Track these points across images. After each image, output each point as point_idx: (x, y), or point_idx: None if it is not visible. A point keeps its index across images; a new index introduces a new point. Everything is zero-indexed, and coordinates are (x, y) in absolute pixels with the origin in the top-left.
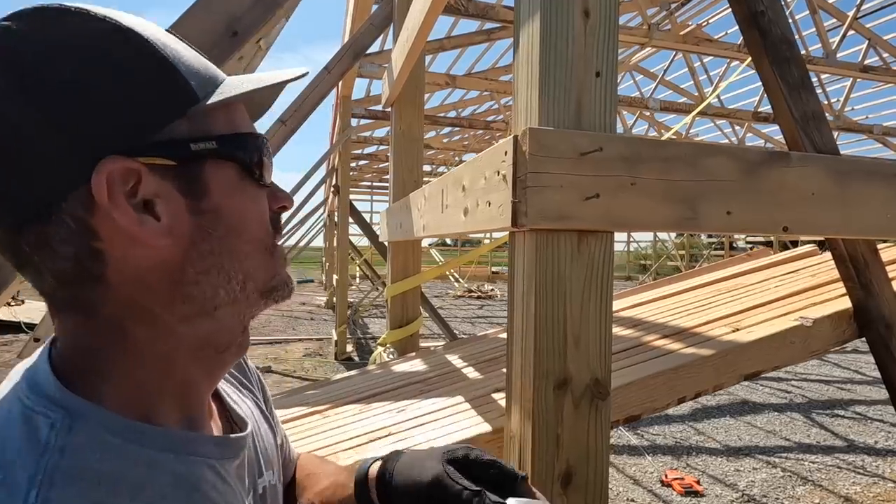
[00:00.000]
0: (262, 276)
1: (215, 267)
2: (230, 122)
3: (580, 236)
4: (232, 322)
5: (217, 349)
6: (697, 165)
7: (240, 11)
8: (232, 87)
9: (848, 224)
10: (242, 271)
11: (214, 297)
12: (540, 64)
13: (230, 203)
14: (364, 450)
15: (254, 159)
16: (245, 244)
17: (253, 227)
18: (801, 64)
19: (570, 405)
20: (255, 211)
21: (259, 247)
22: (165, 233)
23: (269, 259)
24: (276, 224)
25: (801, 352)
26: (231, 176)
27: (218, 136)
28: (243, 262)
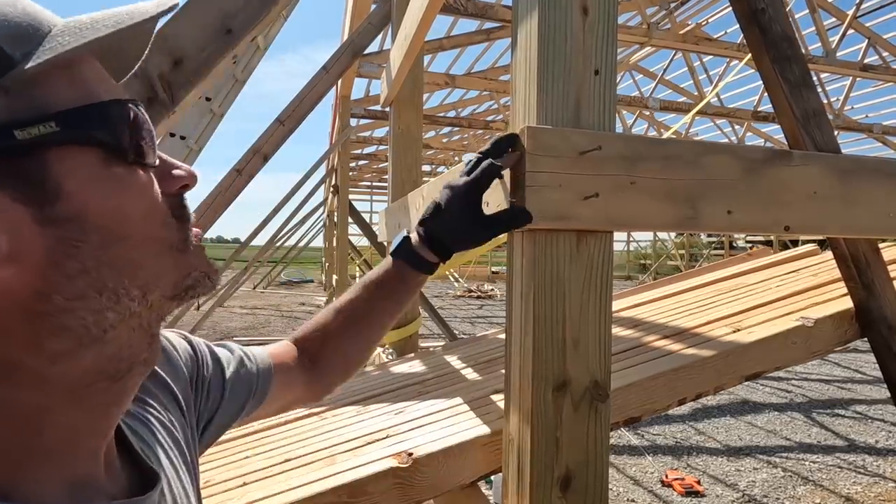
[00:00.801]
0: (170, 280)
1: (93, 288)
2: (79, 89)
3: (579, 236)
4: (131, 339)
5: (114, 377)
6: (698, 164)
7: (234, 8)
8: (68, 37)
9: (850, 223)
10: (137, 284)
11: (100, 321)
12: (538, 61)
13: (99, 202)
14: (361, 452)
15: (123, 135)
16: (134, 250)
17: (140, 225)
18: (801, 61)
19: (569, 408)
20: (138, 202)
21: (157, 247)
22: (6, 259)
23: (178, 257)
24: (180, 211)
25: (803, 352)
26: (92, 164)
27: (59, 114)
28: (136, 272)
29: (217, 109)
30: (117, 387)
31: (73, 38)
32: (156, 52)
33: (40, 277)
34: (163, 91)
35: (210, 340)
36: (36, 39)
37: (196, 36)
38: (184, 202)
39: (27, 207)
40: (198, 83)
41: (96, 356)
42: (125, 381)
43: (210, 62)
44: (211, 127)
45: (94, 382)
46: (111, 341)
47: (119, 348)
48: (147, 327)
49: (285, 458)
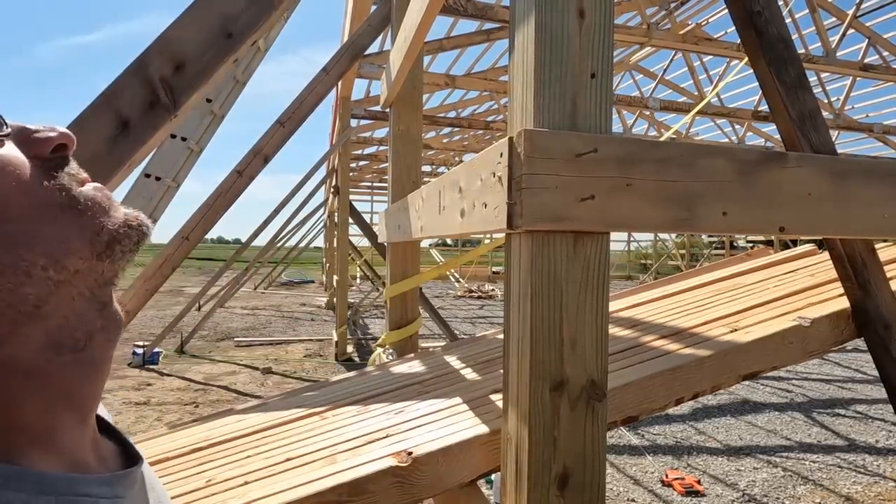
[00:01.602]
0: (77, 241)
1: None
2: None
3: (576, 237)
4: (73, 307)
5: (74, 348)
6: (693, 166)
7: (235, 13)
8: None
9: (845, 224)
10: (35, 253)
11: (18, 298)
12: (535, 65)
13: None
14: (361, 451)
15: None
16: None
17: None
18: (797, 63)
19: (566, 407)
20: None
21: (39, 214)
22: None
23: (76, 216)
24: (56, 170)
25: (800, 352)
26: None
27: None
28: (32, 243)
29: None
30: (84, 356)
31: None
32: (157, 57)
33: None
34: (165, 95)
35: (211, 341)
36: None
37: (197, 40)
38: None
39: None
40: (200, 87)
41: (43, 331)
42: (90, 349)
43: (211, 66)
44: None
45: (55, 356)
46: (52, 314)
47: (65, 319)
48: (89, 294)
49: (286, 457)
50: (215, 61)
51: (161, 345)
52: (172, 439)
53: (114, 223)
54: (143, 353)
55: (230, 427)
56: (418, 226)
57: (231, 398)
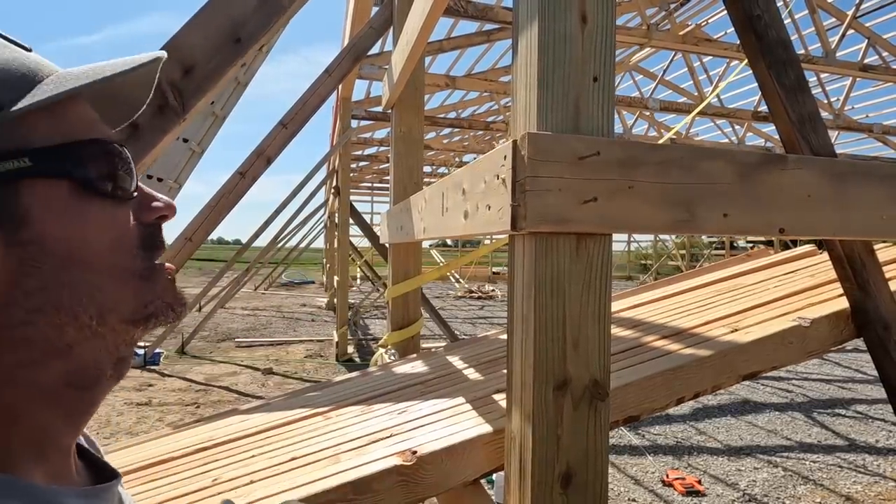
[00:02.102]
0: (128, 306)
1: (51, 304)
2: (60, 129)
3: (579, 239)
4: (97, 357)
5: (81, 387)
6: (694, 168)
7: (243, 18)
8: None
9: (844, 225)
10: (94, 305)
11: (61, 335)
12: (538, 69)
13: (61, 229)
14: (366, 450)
15: (97, 172)
16: (92, 274)
17: (103, 254)
18: (797, 66)
19: (569, 406)
20: (103, 233)
21: (118, 274)
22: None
23: (140, 285)
24: (152, 240)
25: (799, 352)
26: (62, 196)
27: (35, 150)
28: (93, 294)
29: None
30: (86, 395)
31: (54, 87)
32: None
33: (2, 292)
34: (174, 98)
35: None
36: (26, 87)
37: (206, 45)
38: (158, 232)
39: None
40: (208, 91)
41: (64, 366)
42: (93, 391)
43: (219, 70)
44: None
45: (63, 389)
46: (77, 356)
47: (85, 363)
48: (113, 349)
49: (291, 456)
50: (224, 65)
51: (162, 345)
52: (177, 439)
53: (162, 301)
54: (144, 353)
55: (234, 427)
56: (421, 227)
57: (232, 399)
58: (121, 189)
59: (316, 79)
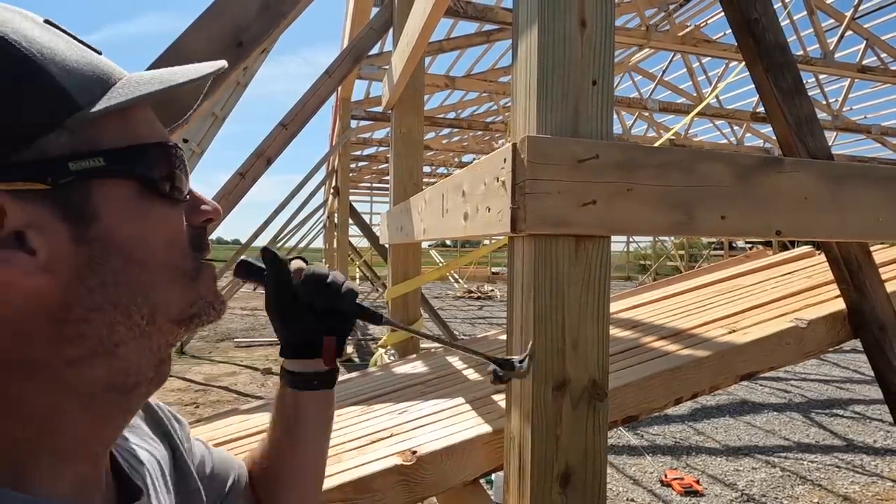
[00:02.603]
0: (176, 306)
1: (109, 302)
2: (128, 132)
3: (577, 241)
4: (140, 358)
5: (121, 391)
6: (692, 171)
7: (245, 22)
8: (127, 89)
9: (841, 227)
10: (148, 304)
11: (112, 334)
12: (538, 72)
13: (125, 228)
14: (367, 450)
15: (159, 173)
16: (148, 274)
17: (158, 253)
18: (794, 69)
19: (568, 406)
20: (161, 233)
21: (169, 274)
22: (42, 268)
23: (188, 284)
24: (199, 241)
25: (796, 353)
26: (128, 196)
27: (107, 151)
28: (148, 293)
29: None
30: (123, 400)
31: (127, 92)
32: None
33: (65, 287)
34: None
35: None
36: (101, 90)
37: (208, 49)
38: (205, 234)
39: (66, 225)
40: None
41: (108, 368)
42: (131, 395)
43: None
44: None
45: (103, 392)
46: (122, 356)
47: (128, 364)
48: (156, 350)
49: None
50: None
51: None
52: None
53: (206, 300)
54: None
55: (234, 427)
56: (421, 228)
57: (231, 399)
58: (178, 191)
59: (316, 80)
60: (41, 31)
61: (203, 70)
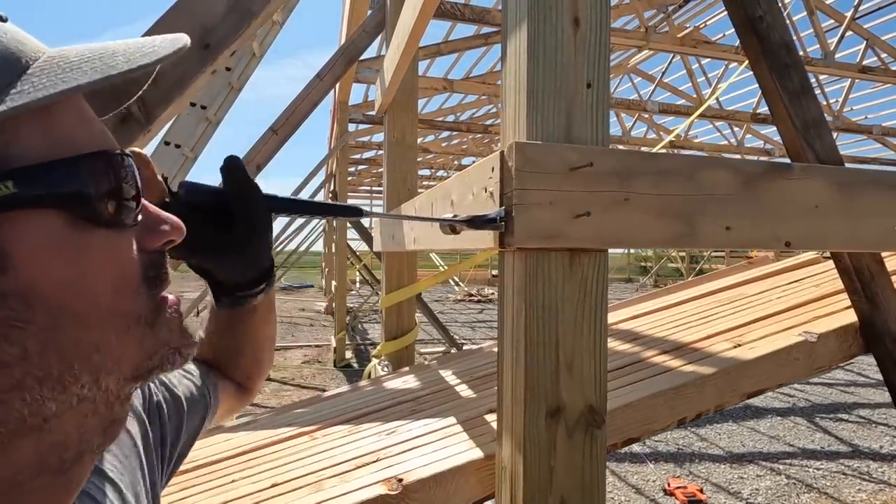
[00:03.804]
0: (130, 362)
1: (32, 376)
2: (52, 138)
3: (572, 255)
4: (81, 426)
5: (58, 471)
6: (694, 179)
7: (211, 23)
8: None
9: (853, 237)
10: (89, 369)
11: (38, 411)
12: (528, 75)
13: (54, 272)
14: (350, 476)
15: (98, 193)
16: (88, 330)
17: (103, 300)
18: (801, 69)
19: (563, 435)
20: (104, 272)
21: (119, 324)
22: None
23: (144, 332)
24: (157, 272)
25: (806, 368)
26: (55, 228)
27: (20, 171)
28: (90, 355)
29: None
30: (62, 480)
31: (52, 81)
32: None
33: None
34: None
35: None
36: (7, 77)
37: None
38: (163, 260)
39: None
40: (175, 100)
41: (34, 447)
42: (71, 472)
43: (187, 78)
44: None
45: (33, 479)
46: (54, 430)
47: (65, 436)
48: (104, 413)
49: (272, 482)
50: (191, 73)
51: None
52: None
53: (170, 346)
54: None
55: (217, 448)
56: (412, 237)
57: None
58: (126, 211)
59: (307, 83)
60: None
61: (155, 51)
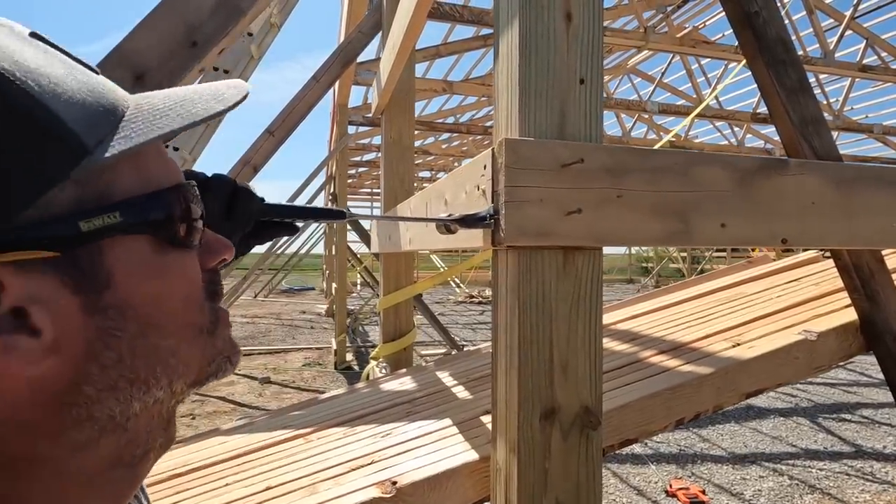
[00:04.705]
0: (195, 368)
1: (125, 378)
2: (142, 175)
3: (566, 253)
4: (149, 426)
5: (129, 464)
6: (688, 175)
7: (198, 20)
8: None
9: (852, 234)
10: (167, 373)
11: (126, 411)
12: (520, 71)
13: (144, 289)
14: (344, 479)
15: (176, 219)
16: (169, 338)
17: (178, 313)
18: (798, 66)
19: (558, 437)
20: (179, 289)
21: (190, 333)
22: (48, 350)
23: (206, 341)
24: (214, 288)
25: (805, 368)
26: (144, 251)
27: (122, 203)
28: (167, 361)
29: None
30: (131, 473)
31: (148, 127)
32: (116, 68)
33: (75, 368)
34: None
35: None
36: (108, 125)
37: (159, 49)
38: (218, 278)
39: (75, 296)
40: None
41: (115, 444)
42: (138, 467)
43: (174, 76)
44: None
45: (108, 471)
46: (131, 428)
47: (137, 435)
48: (166, 413)
49: (267, 485)
50: (179, 71)
51: None
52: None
53: (224, 354)
54: None
55: (212, 450)
56: (407, 238)
57: (229, 409)
58: (195, 234)
59: (304, 85)
60: (32, 50)
61: (226, 99)
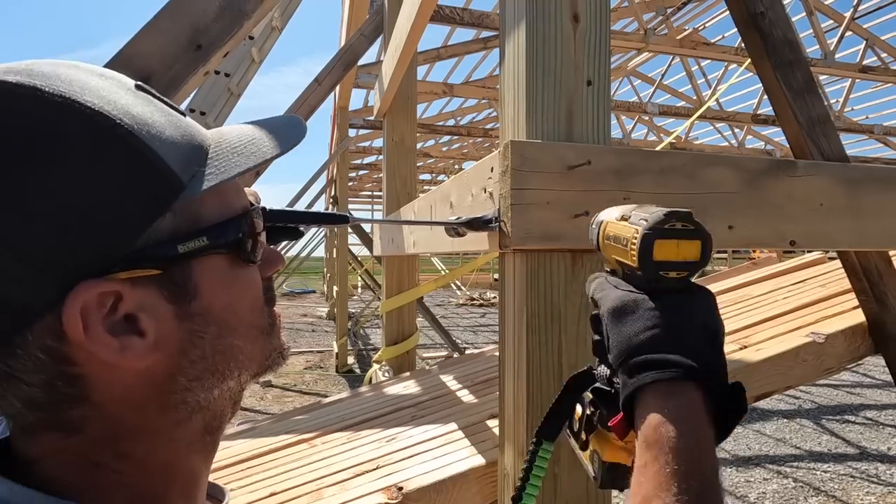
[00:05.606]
0: (257, 362)
1: (209, 371)
2: (223, 204)
3: (574, 257)
4: (224, 406)
5: (213, 432)
6: (696, 177)
7: (203, 24)
8: (225, 161)
9: (860, 236)
10: (238, 366)
11: (209, 396)
12: (527, 73)
13: (221, 298)
14: (349, 485)
15: (249, 240)
16: (240, 338)
17: (245, 317)
18: (804, 66)
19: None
20: (247, 297)
21: (255, 334)
22: (152, 349)
23: (265, 340)
24: (270, 294)
25: (815, 370)
26: (222, 267)
27: (209, 229)
28: (238, 356)
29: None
30: (213, 438)
31: (229, 164)
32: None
33: (171, 362)
34: None
35: None
36: (198, 164)
37: (164, 52)
38: (272, 285)
39: (171, 305)
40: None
41: (202, 420)
42: (217, 434)
43: (179, 79)
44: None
45: (201, 437)
46: (212, 408)
47: (216, 413)
48: (235, 397)
49: (270, 491)
50: (184, 73)
51: None
52: None
53: (277, 350)
54: None
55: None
56: (411, 241)
57: None
58: (259, 250)
59: (305, 88)
60: (139, 102)
61: (289, 137)
